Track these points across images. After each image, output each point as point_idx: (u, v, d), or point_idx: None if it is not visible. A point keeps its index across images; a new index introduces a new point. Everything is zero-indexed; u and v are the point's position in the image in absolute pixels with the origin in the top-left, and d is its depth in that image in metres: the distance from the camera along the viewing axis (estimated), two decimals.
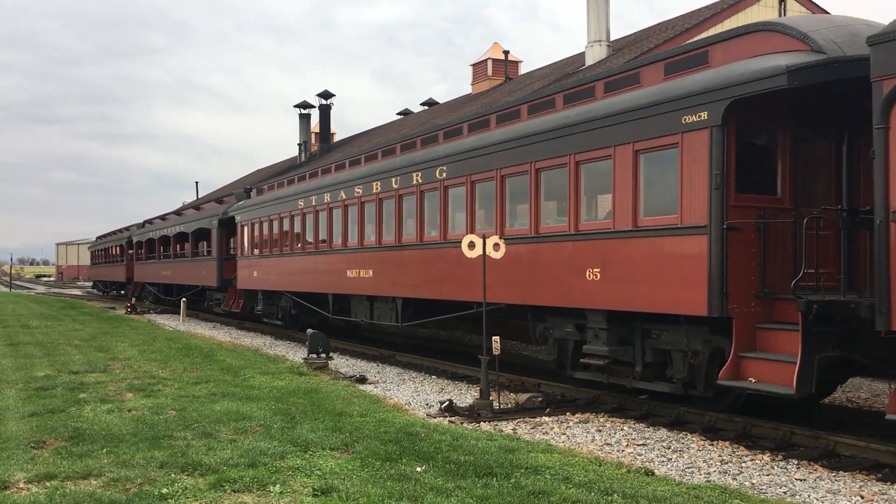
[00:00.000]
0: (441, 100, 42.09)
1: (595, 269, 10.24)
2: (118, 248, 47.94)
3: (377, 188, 15.92)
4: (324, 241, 18.66)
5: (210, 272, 27.81)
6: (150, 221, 42.27)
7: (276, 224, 21.71)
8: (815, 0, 22.65)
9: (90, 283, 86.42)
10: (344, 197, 17.33)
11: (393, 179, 15.32)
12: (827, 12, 21.04)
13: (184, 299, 29.67)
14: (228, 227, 26.76)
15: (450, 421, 9.93)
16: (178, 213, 37.33)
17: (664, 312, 9.46)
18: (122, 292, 46.62)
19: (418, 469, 7.01)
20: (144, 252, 39.98)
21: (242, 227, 24.52)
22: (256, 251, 23.14)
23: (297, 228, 20.14)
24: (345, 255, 17.34)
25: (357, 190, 16.76)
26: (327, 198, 18.21)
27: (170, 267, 34.67)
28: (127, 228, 46.81)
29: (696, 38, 20.18)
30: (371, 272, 16.02)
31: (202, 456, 7.41)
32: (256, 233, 23.22)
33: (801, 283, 8.06)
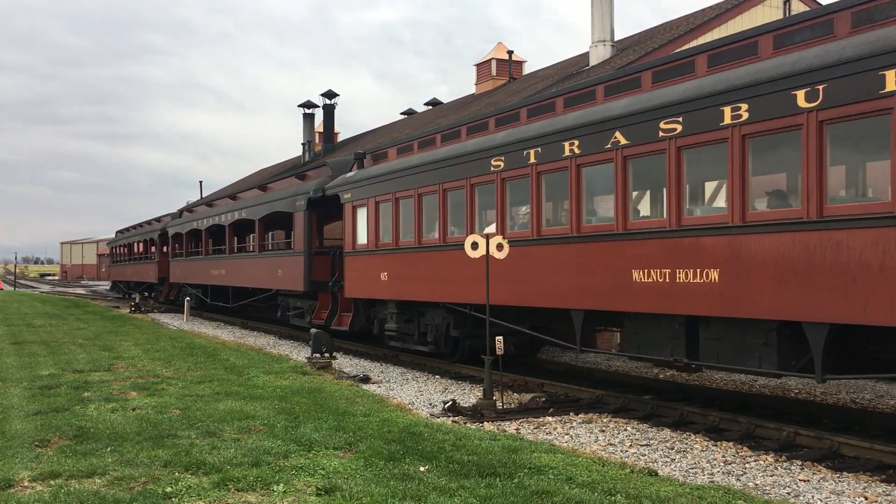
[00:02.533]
0: (443, 100, 42.10)
1: None
2: (146, 244, 40.41)
3: (744, 114, 8.56)
4: (562, 224, 11.57)
5: (293, 272, 20.10)
6: (190, 209, 34.20)
7: (431, 200, 14.17)
8: (819, 0, 22.62)
9: (108, 284, 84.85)
10: (625, 142, 9.99)
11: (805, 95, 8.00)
12: None
13: (188, 299, 29.58)
14: (320, 210, 19.77)
15: (453, 421, 9.94)
16: (233, 196, 28.48)
17: None
18: (151, 295, 39.57)
19: (422, 469, 7.01)
20: (185, 247, 31.88)
21: (355, 209, 16.94)
22: (387, 241, 15.71)
23: (491, 204, 12.66)
24: (628, 245, 10.07)
25: (668, 126, 9.39)
26: (572, 148, 10.81)
27: (224, 265, 26.80)
28: (158, 219, 38.89)
29: (700, 39, 20.16)
30: (716, 273, 8.85)
31: (206, 455, 7.43)
32: (387, 216, 15.69)
33: None
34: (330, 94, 44.98)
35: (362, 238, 16.68)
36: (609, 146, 10.26)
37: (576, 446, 8.57)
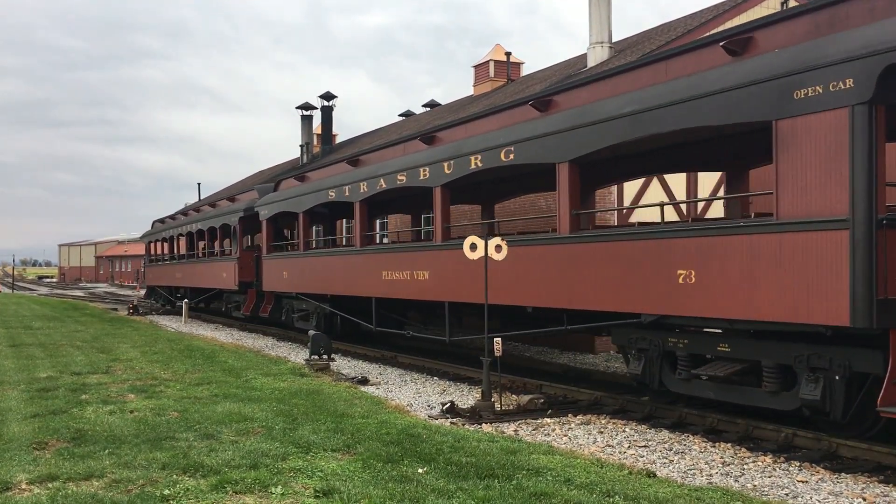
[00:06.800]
0: (440, 102, 42.18)
1: None
2: (211, 234, 27.50)
3: None
4: None
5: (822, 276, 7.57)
6: (301, 176, 20.62)
7: None
8: None
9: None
10: None
11: None
12: None
13: (186, 301, 29.18)
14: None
15: (451, 422, 9.93)
16: (495, 111, 13.09)
17: None
18: (215, 306, 27.30)
19: (420, 470, 7.01)
20: (302, 234, 19.69)
21: None
22: None
23: None
24: None
25: None
26: None
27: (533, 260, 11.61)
28: (231, 198, 27.04)
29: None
30: None
31: (204, 457, 7.42)
32: None
33: None
34: (328, 96, 45.04)
35: None
36: None
37: (574, 448, 8.56)
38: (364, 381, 13.43)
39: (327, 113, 45.20)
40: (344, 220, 24.77)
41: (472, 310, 13.88)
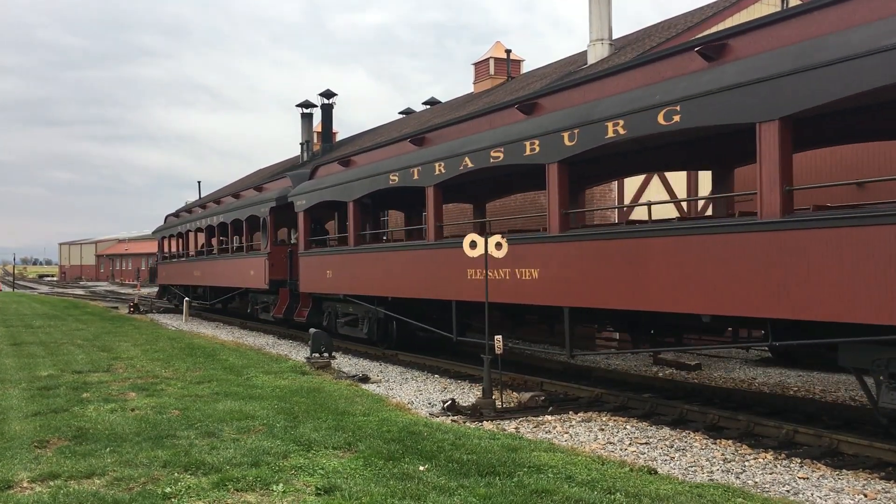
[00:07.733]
0: (440, 100, 42.16)
1: None
2: (227, 229, 26.23)
3: None
4: None
5: None
6: (343, 161, 17.87)
7: None
8: None
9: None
10: None
11: None
12: None
13: (187, 300, 29.31)
14: None
15: (452, 420, 9.94)
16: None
17: None
18: (234, 307, 26.55)
19: (421, 468, 7.01)
20: (352, 225, 16.92)
21: None
22: None
23: None
24: None
25: None
26: None
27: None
28: (258, 187, 24.01)
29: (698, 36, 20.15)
30: None
31: (205, 455, 7.43)
32: None
33: None
34: (328, 94, 45.03)
35: None
36: None
37: (575, 445, 8.57)
38: (365, 379, 13.44)
39: (327, 111, 45.19)
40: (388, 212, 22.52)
41: (584, 315, 11.34)
